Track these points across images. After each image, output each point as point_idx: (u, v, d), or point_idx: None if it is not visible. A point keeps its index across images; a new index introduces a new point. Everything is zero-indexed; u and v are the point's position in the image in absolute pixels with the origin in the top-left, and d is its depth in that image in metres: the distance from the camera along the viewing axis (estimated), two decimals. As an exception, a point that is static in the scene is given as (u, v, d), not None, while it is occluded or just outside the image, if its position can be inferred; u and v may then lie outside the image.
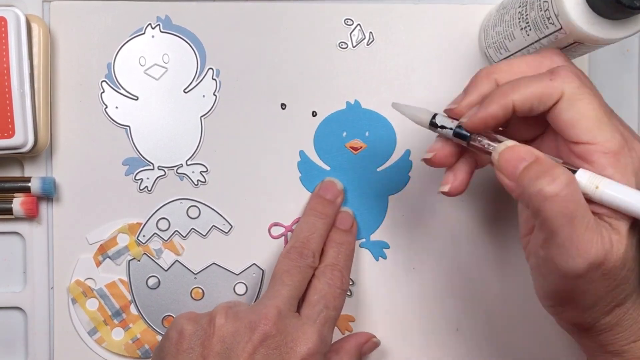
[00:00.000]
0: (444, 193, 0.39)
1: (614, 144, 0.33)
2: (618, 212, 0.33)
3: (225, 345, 0.39)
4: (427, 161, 0.39)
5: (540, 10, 0.38)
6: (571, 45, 0.38)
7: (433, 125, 0.38)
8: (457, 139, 0.37)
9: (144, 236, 0.48)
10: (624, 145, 0.33)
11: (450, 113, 0.38)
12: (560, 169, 0.33)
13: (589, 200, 0.33)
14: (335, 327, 0.47)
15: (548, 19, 0.38)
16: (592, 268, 0.32)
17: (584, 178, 0.33)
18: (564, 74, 0.35)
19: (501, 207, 0.49)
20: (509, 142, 0.36)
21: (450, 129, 0.37)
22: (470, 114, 0.36)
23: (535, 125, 0.38)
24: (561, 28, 0.37)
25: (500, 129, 0.39)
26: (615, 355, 0.37)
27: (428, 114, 0.38)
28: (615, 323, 0.36)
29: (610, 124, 0.34)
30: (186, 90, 0.48)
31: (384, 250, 0.49)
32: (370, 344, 0.48)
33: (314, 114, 0.48)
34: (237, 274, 0.49)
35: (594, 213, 0.33)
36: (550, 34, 0.38)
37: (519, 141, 0.36)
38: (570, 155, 0.35)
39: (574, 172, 0.33)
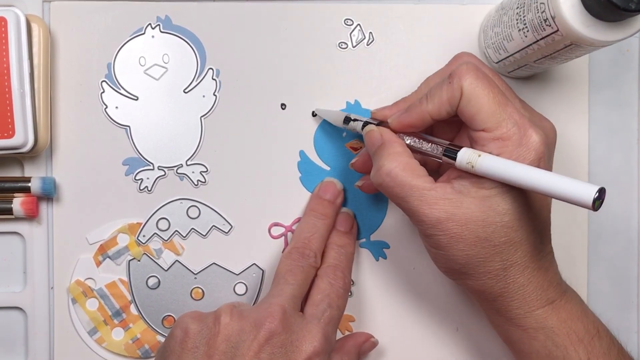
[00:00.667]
0: (358, 187, 0.47)
1: (502, 132, 0.37)
2: (481, 179, 0.38)
3: (231, 344, 0.39)
4: (352, 166, 0.46)
5: (537, 12, 0.38)
6: (568, 47, 0.39)
7: (346, 121, 0.45)
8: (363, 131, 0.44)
9: (144, 236, 0.48)
10: (516, 132, 0.37)
11: (378, 114, 0.45)
12: (385, 159, 0.39)
13: (472, 169, 0.38)
14: (335, 327, 0.48)
15: (545, 20, 0.38)
16: (437, 225, 0.38)
17: (466, 154, 0.38)
18: (459, 73, 0.38)
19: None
20: (371, 127, 0.43)
21: (360, 121, 0.44)
22: (394, 117, 0.42)
23: (454, 124, 0.43)
24: (557, 30, 0.37)
25: (428, 130, 0.44)
26: (514, 324, 0.40)
27: (342, 114, 0.46)
28: (504, 288, 0.39)
29: (504, 114, 0.38)
30: (186, 90, 0.48)
31: (384, 250, 0.49)
32: (369, 343, 0.48)
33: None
34: (237, 274, 0.49)
35: (446, 181, 0.39)
36: (547, 35, 0.39)
37: (446, 139, 0.41)
38: (473, 142, 0.39)
39: (458, 150, 0.38)
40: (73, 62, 0.48)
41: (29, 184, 0.47)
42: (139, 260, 0.48)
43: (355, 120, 0.45)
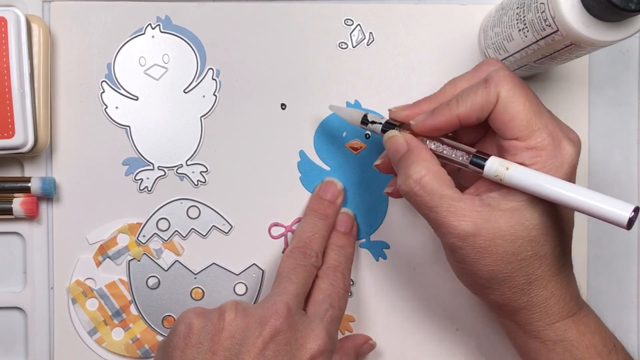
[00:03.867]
0: (387, 194, 0.45)
1: (537, 141, 0.37)
2: (510, 191, 0.37)
3: (236, 340, 0.38)
4: (376, 167, 0.44)
5: (537, 12, 0.38)
6: (568, 47, 0.39)
7: (364, 122, 0.43)
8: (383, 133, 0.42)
9: (144, 236, 0.48)
10: (550, 143, 0.37)
11: (398, 114, 0.42)
12: (414, 167, 0.38)
13: (500, 181, 0.37)
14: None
15: (545, 20, 0.38)
16: (465, 238, 0.37)
17: (495, 163, 0.37)
18: (497, 79, 0.37)
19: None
20: (393, 132, 0.41)
21: (380, 123, 0.42)
22: (419, 119, 0.40)
23: (478, 129, 0.41)
24: (557, 30, 0.37)
25: (449, 134, 0.42)
26: (534, 337, 0.40)
27: (360, 113, 0.43)
28: (527, 302, 0.39)
29: (539, 124, 0.37)
30: (186, 91, 0.48)
31: (384, 250, 0.49)
32: (367, 345, 0.48)
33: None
34: (237, 274, 0.49)
35: (475, 193, 0.38)
36: (547, 35, 0.39)
37: (467, 143, 0.40)
38: (502, 151, 0.38)
39: (486, 159, 0.38)
40: (73, 62, 0.48)
41: (29, 184, 0.47)
42: (139, 261, 0.48)
43: (373, 122, 0.43)
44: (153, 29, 0.48)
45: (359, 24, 0.48)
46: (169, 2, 0.48)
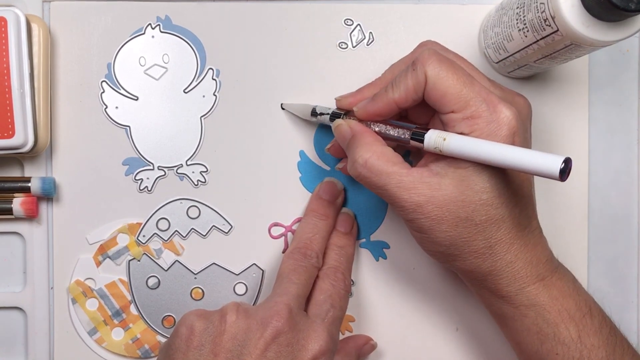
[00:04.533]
0: (339, 169, 0.47)
1: (472, 110, 0.38)
2: (453, 159, 0.38)
3: (237, 342, 0.38)
4: (328, 151, 0.46)
5: (537, 12, 0.38)
6: (568, 47, 0.39)
7: (314, 114, 0.46)
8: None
9: (144, 236, 0.48)
10: (485, 109, 0.38)
11: (343, 102, 0.44)
12: (359, 151, 0.40)
13: (440, 153, 0.38)
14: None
15: (545, 20, 0.38)
16: (418, 209, 0.38)
17: (432, 137, 0.38)
18: (422, 59, 0.39)
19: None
20: (338, 121, 0.43)
21: (327, 114, 0.45)
22: (360, 106, 0.42)
23: (426, 108, 0.41)
24: (557, 30, 0.37)
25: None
26: (506, 302, 0.41)
27: (309, 106, 0.46)
28: (492, 266, 0.39)
29: (471, 93, 0.38)
30: (186, 91, 0.48)
31: (384, 250, 0.49)
32: (368, 346, 0.48)
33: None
34: (237, 274, 0.49)
35: (424, 165, 0.40)
36: (547, 35, 0.39)
37: (419, 123, 0.42)
38: (444, 125, 0.39)
39: (424, 133, 0.39)
40: (73, 62, 0.48)
41: (29, 184, 0.47)
42: (139, 260, 0.48)
43: (322, 114, 0.45)
44: (153, 29, 0.48)
45: (359, 24, 0.48)
46: (169, 2, 0.48)
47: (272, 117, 0.48)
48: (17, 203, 0.47)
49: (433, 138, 0.38)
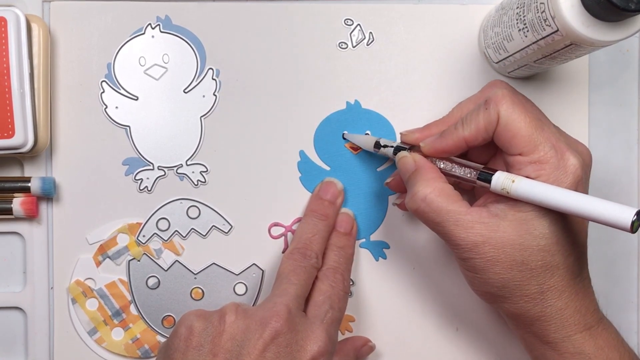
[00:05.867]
0: (396, 205, 0.48)
1: (540, 155, 0.38)
2: (517, 202, 0.38)
3: (236, 342, 0.38)
4: (387, 185, 0.47)
5: (537, 12, 0.38)
6: (568, 47, 0.39)
7: (377, 146, 0.46)
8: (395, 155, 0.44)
9: (144, 236, 0.48)
10: (553, 155, 0.38)
11: (409, 137, 0.44)
12: (420, 185, 0.40)
13: (507, 194, 0.38)
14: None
15: (545, 20, 0.38)
16: (473, 248, 0.38)
17: (500, 178, 0.38)
18: (496, 99, 0.39)
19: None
20: (403, 153, 0.43)
21: (392, 147, 0.45)
22: (428, 142, 0.42)
23: (489, 148, 0.42)
24: (557, 30, 0.37)
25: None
26: (551, 348, 0.40)
27: (373, 139, 0.46)
28: (542, 312, 0.39)
29: (541, 138, 0.38)
30: (186, 90, 0.48)
31: (384, 250, 0.49)
32: (366, 348, 0.48)
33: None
34: (237, 274, 0.49)
35: (483, 205, 0.40)
36: (547, 35, 0.39)
37: (480, 161, 0.43)
38: (509, 166, 0.40)
39: (493, 174, 0.39)
40: (73, 62, 0.48)
41: (29, 184, 0.47)
42: (138, 260, 0.48)
43: (385, 146, 0.45)
44: (153, 28, 0.48)
45: (359, 24, 0.48)
46: (169, 2, 0.48)
47: (272, 117, 0.48)
48: (17, 203, 0.47)
49: (501, 179, 0.38)
